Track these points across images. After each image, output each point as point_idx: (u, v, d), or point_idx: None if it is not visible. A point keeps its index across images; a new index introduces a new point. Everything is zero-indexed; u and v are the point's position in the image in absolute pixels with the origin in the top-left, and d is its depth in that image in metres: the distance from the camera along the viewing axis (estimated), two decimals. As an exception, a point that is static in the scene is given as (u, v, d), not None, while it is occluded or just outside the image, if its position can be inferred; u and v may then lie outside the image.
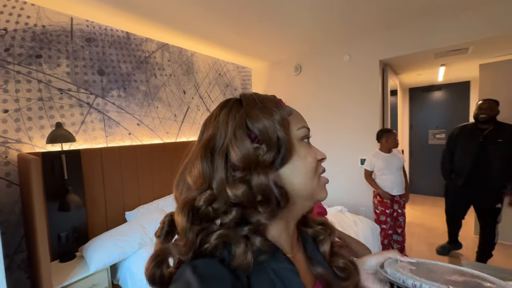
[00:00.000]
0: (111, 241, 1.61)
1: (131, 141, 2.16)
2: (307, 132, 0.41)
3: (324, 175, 0.46)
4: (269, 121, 0.37)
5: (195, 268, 0.31)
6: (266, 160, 0.35)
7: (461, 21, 2.08)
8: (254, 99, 0.40)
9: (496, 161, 2.00)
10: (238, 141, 0.35)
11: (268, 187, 0.34)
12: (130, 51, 2.17)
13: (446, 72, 3.49)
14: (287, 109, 0.41)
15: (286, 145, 0.37)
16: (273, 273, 0.35)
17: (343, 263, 0.46)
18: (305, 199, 0.40)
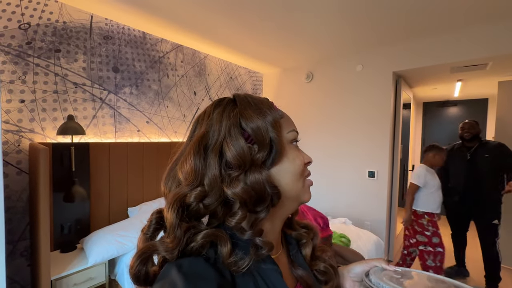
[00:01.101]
0: (111, 235, 1.62)
1: (139, 138, 2.19)
2: (296, 135, 0.43)
3: (331, 185, 0.47)
4: (262, 122, 0.38)
5: (180, 267, 0.31)
6: (259, 159, 0.36)
7: (480, 35, 2.02)
8: (247, 100, 0.41)
9: (486, 176, 2.15)
10: (233, 139, 0.36)
11: (262, 185, 0.36)
12: (145, 51, 2.22)
13: (462, 88, 3.39)
14: (279, 112, 0.42)
15: (277, 146, 0.38)
16: (257, 273, 0.36)
17: (324, 267, 0.47)
18: (291, 200, 0.41)
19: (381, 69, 2.54)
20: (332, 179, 2.88)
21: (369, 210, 2.63)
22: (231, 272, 0.34)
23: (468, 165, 2.23)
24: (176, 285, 0.28)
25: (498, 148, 2.15)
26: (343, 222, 2.25)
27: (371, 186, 2.62)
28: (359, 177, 2.69)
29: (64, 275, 1.41)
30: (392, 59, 2.47)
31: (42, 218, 1.22)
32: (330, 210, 2.86)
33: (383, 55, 2.52)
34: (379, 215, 2.57)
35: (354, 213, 2.70)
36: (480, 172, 2.16)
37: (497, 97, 2.70)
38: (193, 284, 0.29)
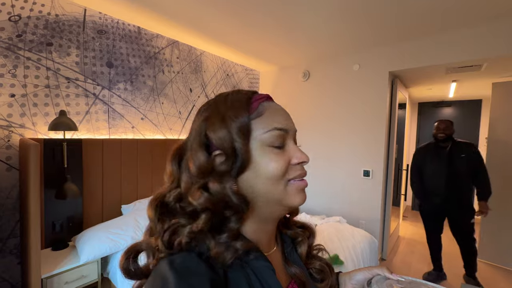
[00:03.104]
0: (104, 233, 1.60)
1: (133, 134, 2.16)
2: (278, 134, 0.38)
3: (326, 184, 0.45)
4: (226, 131, 0.36)
5: (172, 263, 0.31)
6: (221, 170, 0.36)
7: (475, 37, 2.04)
8: (222, 102, 0.39)
9: (464, 176, 2.17)
10: (193, 152, 0.37)
11: (224, 195, 0.35)
12: (140, 46, 2.19)
13: (457, 89, 3.42)
14: (258, 109, 0.38)
15: (242, 156, 0.36)
16: (250, 270, 0.36)
17: (320, 265, 0.48)
18: (272, 204, 0.38)
19: (378, 69, 2.55)
20: (328, 178, 2.89)
21: (364, 209, 2.65)
22: (224, 268, 0.34)
23: (447, 165, 2.20)
24: (168, 281, 0.29)
25: (469, 148, 2.18)
26: (337, 221, 2.26)
27: (366, 185, 2.63)
28: (354, 176, 2.71)
29: (55, 273, 1.39)
30: (388, 59, 2.48)
31: (32, 215, 1.19)
32: (326, 209, 2.87)
33: (379, 55, 2.52)
34: (373, 214, 2.59)
35: (349, 212, 2.72)
36: (458, 172, 2.16)
37: (491, 98, 2.73)
38: (184, 279, 0.29)
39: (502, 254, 2.58)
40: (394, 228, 3.14)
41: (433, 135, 2.32)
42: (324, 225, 2.15)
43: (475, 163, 2.14)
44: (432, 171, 2.29)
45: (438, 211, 2.29)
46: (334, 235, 1.91)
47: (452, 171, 2.18)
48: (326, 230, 2.01)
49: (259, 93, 0.42)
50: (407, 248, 3.06)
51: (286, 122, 0.40)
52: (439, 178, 2.23)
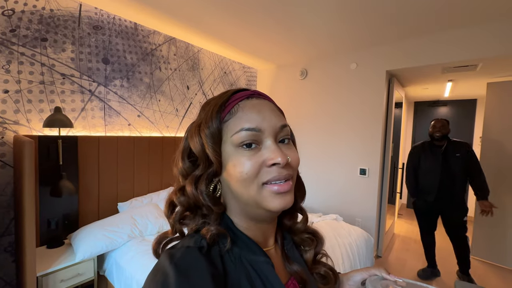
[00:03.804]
0: (100, 231, 1.59)
1: (130, 132, 2.15)
2: (247, 134, 0.36)
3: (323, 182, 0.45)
4: (198, 138, 0.38)
5: (172, 257, 0.32)
6: (196, 175, 0.39)
7: (472, 37, 2.06)
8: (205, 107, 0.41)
9: (458, 175, 2.18)
10: (176, 157, 0.42)
11: (196, 197, 0.38)
12: (136, 42, 2.16)
13: (453, 88, 3.45)
14: (232, 110, 0.38)
15: (214, 161, 0.38)
16: (249, 265, 0.37)
17: (324, 271, 0.48)
18: (252, 206, 0.38)
19: (375, 68, 2.56)
20: (325, 176, 2.90)
21: (360, 207, 2.67)
22: (223, 263, 0.35)
23: (441, 164, 2.23)
24: (168, 276, 0.29)
25: (465, 147, 2.20)
26: (334, 219, 2.28)
27: (362, 183, 2.66)
28: (351, 174, 2.73)
29: (51, 271, 1.38)
30: (385, 58, 2.49)
31: (27, 213, 1.18)
32: (322, 207, 2.89)
33: (377, 54, 2.53)
34: (369, 212, 2.61)
35: (345, 210, 2.74)
36: (453, 170, 2.18)
37: (485, 98, 2.76)
38: (184, 274, 0.30)
39: (494, 252, 2.63)
40: (390, 225, 3.18)
41: (429, 134, 2.34)
42: (320, 223, 2.16)
43: (469, 163, 2.16)
44: (427, 169, 2.31)
45: (431, 209, 2.32)
46: (331, 232, 1.92)
47: (447, 170, 2.20)
48: (323, 228, 2.03)
49: (244, 90, 0.41)
50: (402, 246, 3.10)
51: (260, 120, 0.37)
52: (433, 176, 2.26)
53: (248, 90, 0.42)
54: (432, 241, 2.41)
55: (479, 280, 2.29)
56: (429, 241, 2.41)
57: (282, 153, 0.36)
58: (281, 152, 0.36)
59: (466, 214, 2.22)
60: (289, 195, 0.38)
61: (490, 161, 2.63)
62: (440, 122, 2.28)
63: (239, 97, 0.39)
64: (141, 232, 1.74)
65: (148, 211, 1.87)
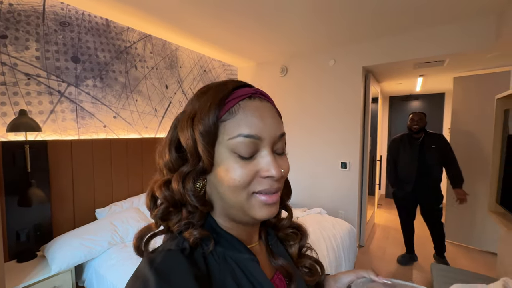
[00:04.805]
0: (77, 240, 1.50)
1: (106, 134, 2.04)
2: (245, 141, 0.34)
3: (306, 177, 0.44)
4: (191, 132, 0.35)
5: (152, 262, 0.31)
6: (183, 171, 0.36)
7: (439, 34, 2.18)
8: (200, 97, 0.38)
9: (434, 165, 2.30)
10: (163, 147, 0.39)
11: (182, 195, 0.35)
12: (109, 40, 2.05)
13: (424, 83, 3.65)
14: (232, 109, 0.35)
15: (204, 159, 0.35)
16: (234, 263, 0.36)
17: (310, 264, 0.48)
18: (236, 210, 0.36)
19: (352, 64, 2.64)
20: (307, 171, 2.96)
21: (342, 200, 2.75)
22: (206, 264, 0.34)
23: (419, 155, 2.34)
24: (148, 282, 0.28)
25: (440, 139, 2.33)
26: (318, 213, 2.33)
27: (343, 177, 2.74)
28: (333, 168, 2.80)
29: (23, 286, 1.28)
30: (362, 54, 2.57)
31: (-8, 226, 1.08)
32: (307, 201, 2.95)
33: (353, 50, 2.61)
34: (351, 204, 2.70)
35: (329, 203, 2.81)
36: (429, 161, 2.30)
37: (452, 91, 2.95)
38: (165, 278, 0.29)
39: (464, 234, 2.83)
40: (370, 216, 3.31)
41: (408, 126, 2.44)
42: (305, 217, 2.20)
43: (444, 153, 2.29)
44: (406, 160, 2.42)
45: (410, 198, 2.44)
46: (316, 226, 1.96)
47: (424, 160, 2.32)
48: (308, 222, 2.06)
49: (245, 86, 0.38)
50: (382, 234, 3.24)
51: (261, 127, 0.35)
52: (411, 167, 2.37)
53: (250, 87, 0.39)
54: (411, 229, 2.54)
55: (451, 261, 2.46)
56: (408, 228, 2.54)
57: (277, 166, 0.35)
58: (276, 165, 0.35)
59: (442, 201, 2.37)
60: (275, 206, 0.38)
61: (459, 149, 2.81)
62: (417, 116, 2.38)
63: (240, 94, 0.36)
64: (122, 239, 1.67)
65: (129, 216, 1.79)
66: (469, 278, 1.51)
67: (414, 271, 2.40)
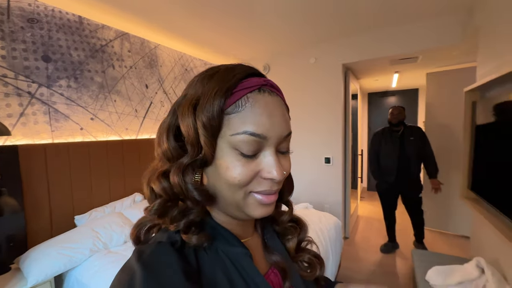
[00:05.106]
0: (56, 249, 1.42)
1: (83, 137, 1.94)
2: (249, 140, 0.32)
3: (293, 173, 0.44)
4: (192, 120, 0.32)
5: (140, 255, 0.30)
6: (183, 162, 0.34)
7: (413, 32, 2.29)
8: (205, 82, 0.34)
9: (413, 156, 2.43)
10: (160, 134, 0.36)
11: (181, 188, 0.33)
12: (83, 38, 1.95)
13: (399, 79, 3.83)
14: (239, 102, 0.32)
15: (205, 151, 0.33)
16: (225, 257, 0.35)
17: (308, 258, 0.46)
18: (234, 208, 0.35)
19: (332, 62, 2.71)
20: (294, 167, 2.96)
21: (327, 194, 2.82)
22: (197, 258, 0.33)
23: (399, 147, 2.45)
24: (135, 274, 0.27)
25: (418, 131, 2.47)
26: (305, 207, 2.37)
27: (328, 172, 2.81)
28: (317, 163, 2.86)
29: (-4, 302, 1.19)
30: (341, 52, 2.65)
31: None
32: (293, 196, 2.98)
33: (333, 48, 2.68)
34: (336, 198, 2.78)
35: (314, 198, 2.87)
36: (409, 153, 2.42)
37: (426, 87, 3.11)
38: (153, 272, 0.28)
39: (440, 220, 3.01)
40: (354, 208, 3.42)
41: (388, 120, 2.56)
42: (292, 213, 2.23)
43: (422, 145, 2.42)
44: (387, 152, 2.53)
45: (392, 189, 2.55)
46: (302, 221, 1.99)
47: (404, 152, 2.44)
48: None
49: (254, 74, 0.35)
50: (366, 225, 3.36)
51: (268, 126, 0.33)
52: (392, 159, 2.48)
53: (259, 77, 0.36)
54: (393, 218, 2.66)
55: (430, 246, 2.60)
56: (391, 218, 2.65)
57: (280, 168, 0.34)
58: (279, 167, 0.34)
59: (421, 191, 2.50)
60: (272, 206, 0.37)
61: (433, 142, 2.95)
62: (397, 110, 2.50)
63: (249, 86, 0.33)
64: (106, 245, 1.60)
65: (111, 221, 1.72)
66: (446, 261, 1.61)
67: (397, 258, 2.51)
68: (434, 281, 1.43)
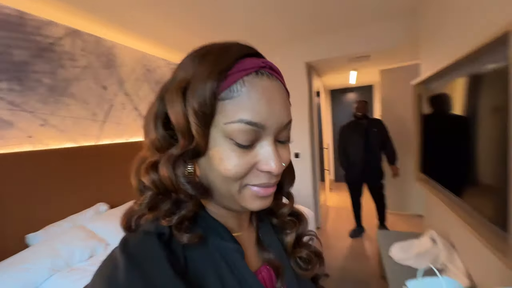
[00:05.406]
0: (5, 272, 1.25)
1: (32, 146, 1.74)
2: (245, 129, 0.29)
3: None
4: (182, 106, 0.30)
5: (125, 244, 0.29)
6: (173, 154, 0.31)
7: (365, 32, 2.50)
8: (196, 61, 0.31)
9: (376, 146, 2.66)
10: (147, 120, 0.34)
11: (172, 181, 0.30)
12: (26, 35, 1.75)
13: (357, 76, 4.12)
14: (234, 86, 0.29)
15: (197, 141, 0.30)
16: (216, 251, 0.33)
17: (307, 255, 0.42)
18: (229, 200, 0.33)
19: (296, 61, 2.82)
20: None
21: (298, 187, 2.93)
22: (185, 250, 0.31)
23: (364, 138, 2.67)
24: (117, 267, 0.26)
25: (380, 123, 2.72)
26: (278, 202, 2.42)
27: (297, 166, 2.86)
28: (287, 159, 2.95)
29: None
30: (303, 51, 2.77)
31: None
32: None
33: (296, 47, 2.79)
34: (306, 190, 2.90)
35: (286, 193, 2.95)
36: (373, 144, 2.65)
37: (380, 83, 3.41)
38: (137, 265, 0.26)
39: (399, 203, 3.32)
40: (323, 199, 3.61)
41: (353, 113, 2.76)
42: (267, 209, 2.27)
43: (384, 135, 2.66)
44: (354, 143, 2.72)
45: (359, 178, 2.75)
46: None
47: (368, 142, 2.65)
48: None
49: (251, 55, 0.33)
50: (335, 215, 3.57)
51: (266, 114, 0.30)
52: (358, 149, 2.68)
53: (257, 57, 0.33)
54: (360, 205, 2.87)
55: (391, 227, 2.87)
56: (358, 205, 2.86)
57: (279, 160, 0.31)
58: (278, 159, 0.31)
59: (384, 177, 2.73)
60: (270, 198, 0.35)
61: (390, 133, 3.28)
62: (361, 103, 2.72)
63: (246, 68, 0.30)
64: (67, 263, 1.45)
65: (72, 235, 1.57)
66: (406, 237, 1.79)
67: (364, 241, 2.72)
68: (396, 256, 1.59)
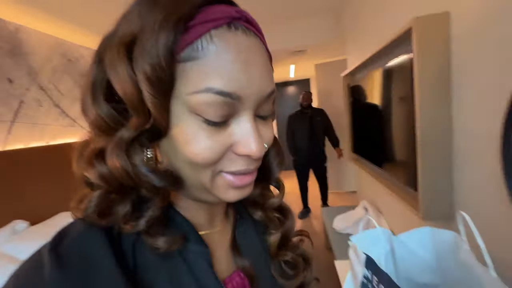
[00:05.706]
0: None
1: None
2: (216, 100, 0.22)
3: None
4: (129, 71, 0.21)
5: (58, 241, 0.21)
6: (124, 137, 0.22)
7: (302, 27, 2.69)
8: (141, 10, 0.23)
9: (320, 133, 2.94)
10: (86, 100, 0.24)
11: (128, 173, 0.22)
12: None
13: (296, 70, 4.42)
14: (199, 43, 0.21)
15: (155, 116, 0.22)
16: (178, 255, 0.26)
17: (292, 258, 0.36)
18: (201, 191, 0.27)
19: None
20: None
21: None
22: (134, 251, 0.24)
23: (309, 127, 2.91)
24: (42, 271, 0.19)
25: (322, 113, 3.01)
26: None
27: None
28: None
29: None
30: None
31: None
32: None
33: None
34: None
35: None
36: (317, 131, 2.93)
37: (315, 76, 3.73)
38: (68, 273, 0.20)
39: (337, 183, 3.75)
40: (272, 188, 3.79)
41: (300, 104, 2.97)
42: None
43: (326, 123, 2.95)
44: (300, 132, 2.94)
45: (305, 163, 2.99)
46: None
47: (313, 130, 2.90)
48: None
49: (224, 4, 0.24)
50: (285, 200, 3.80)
51: (243, 80, 0.22)
52: (304, 136, 2.91)
53: (229, 5, 0.25)
54: (307, 189, 3.14)
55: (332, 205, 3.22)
56: (305, 188, 3.13)
57: (260, 140, 0.24)
58: (259, 138, 0.25)
59: (326, 161, 3.03)
60: (249, 187, 0.28)
61: (325, 121, 3.64)
62: (307, 94, 2.93)
63: (214, 18, 0.22)
64: None
65: (-20, 262, 1.27)
66: (344, 210, 2.05)
67: (312, 220, 2.99)
68: (338, 227, 1.81)
